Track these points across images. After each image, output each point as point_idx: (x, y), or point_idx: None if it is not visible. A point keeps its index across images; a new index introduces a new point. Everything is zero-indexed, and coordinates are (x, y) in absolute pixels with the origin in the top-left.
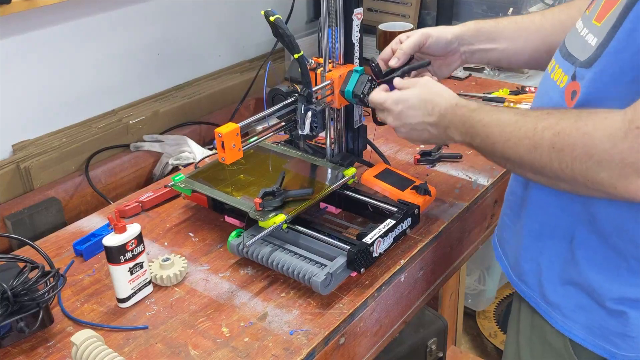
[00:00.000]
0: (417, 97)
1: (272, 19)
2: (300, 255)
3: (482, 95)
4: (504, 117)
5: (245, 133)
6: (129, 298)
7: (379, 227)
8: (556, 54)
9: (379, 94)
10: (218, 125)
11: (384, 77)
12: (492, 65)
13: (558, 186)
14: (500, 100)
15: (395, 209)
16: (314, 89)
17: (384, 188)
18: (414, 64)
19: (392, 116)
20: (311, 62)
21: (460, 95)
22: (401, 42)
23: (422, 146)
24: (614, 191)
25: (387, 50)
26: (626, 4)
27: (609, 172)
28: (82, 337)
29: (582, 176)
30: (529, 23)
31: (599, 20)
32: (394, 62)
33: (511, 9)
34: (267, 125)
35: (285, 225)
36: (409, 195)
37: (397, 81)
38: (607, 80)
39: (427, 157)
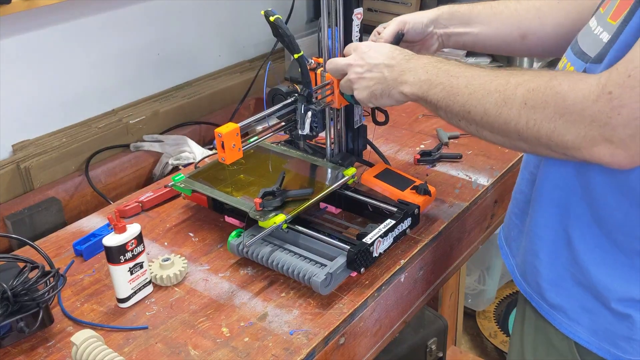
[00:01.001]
0: (390, 46)
1: (272, 19)
2: (300, 255)
3: None
4: (474, 70)
5: (245, 133)
6: (129, 298)
7: (379, 227)
8: (568, 51)
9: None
10: (218, 125)
11: None
12: (467, 49)
13: (515, 145)
14: None
15: (395, 209)
16: (314, 89)
17: (384, 188)
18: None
19: (358, 54)
20: (311, 62)
21: None
22: (379, 34)
23: (422, 146)
24: (578, 154)
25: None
26: (635, 2)
27: (576, 133)
28: (82, 337)
29: (547, 136)
30: (503, 8)
31: (615, 19)
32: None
33: None
34: (267, 125)
35: (285, 225)
36: (409, 195)
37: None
38: None
39: (427, 157)
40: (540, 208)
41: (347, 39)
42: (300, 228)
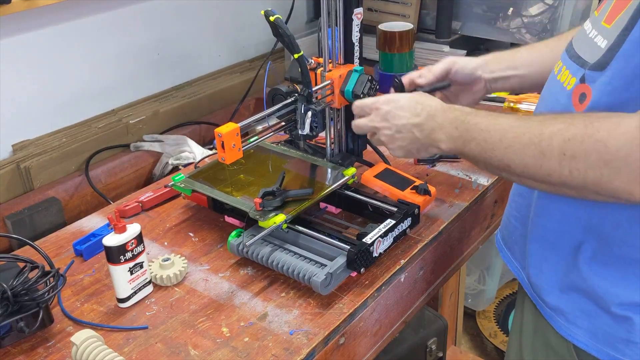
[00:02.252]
0: (408, 98)
1: (272, 18)
2: (300, 255)
3: None
4: (504, 121)
5: (245, 133)
6: (129, 298)
7: (379, 227)
8: (563, 55)
9: (361, 101)
10: (218, 125)
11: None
12: (515, 91)
13: (563, 192)
14: (501, 100)
15: (395, 209)
16: (314, 89)
17: (384, 188)
18: (436, 85)
19: (380, 116)
20: (311, 62)
21: None
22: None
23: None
24: (630, 197)
25: (415, 73)
26: (638, 7)
27: (625, 179)
28: (82, 337)
29: (595, 183)
30: (543, 47)
31: (609, 22)
32: (421, 80)
33: (511, 9)
34: (267, 125)
35: (285, 225)
36: (409, 195)
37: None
38: (620, 84)
39: (427, 157)
40: (541, 215)
41: (347, 39)
42: (300, 228)
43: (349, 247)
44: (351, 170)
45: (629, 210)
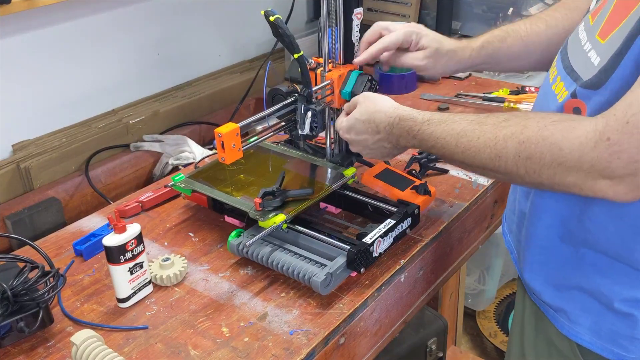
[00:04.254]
0: (359, 120)
1: (272, 19)
2: (300, 255)
3: (482, 95)
4: (457, 127)
5: (245, 133)
6: (128, 298)
7: (379, 227)
8: (558, 62)
9: (338, 125)
10: (218, 125)
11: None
12: (499, 63)
13: (524, 185)
14: (501, 100)
15: (395, 209)
16: (314, 89)
17: (384, 188)
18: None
19: (352, 144)
20: (311, 62)
21: (459, 95)
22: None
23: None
24: (580, 192)
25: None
26: (632, 29)
27: (576, 176)
28: (82, 337)
29: (549, 179)
30: (534, 37)
31: (603, 37)
32: (358, 59)
33: (511, 9)
34: (267, 125)
35: (285, 225)
36: (409, 195)
37: (345, 106)
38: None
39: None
40: (538, 216)
41: (347, 39)
42: (300, 228)
43: (349, 247)
44: (351, 170)
45: (626, 207)
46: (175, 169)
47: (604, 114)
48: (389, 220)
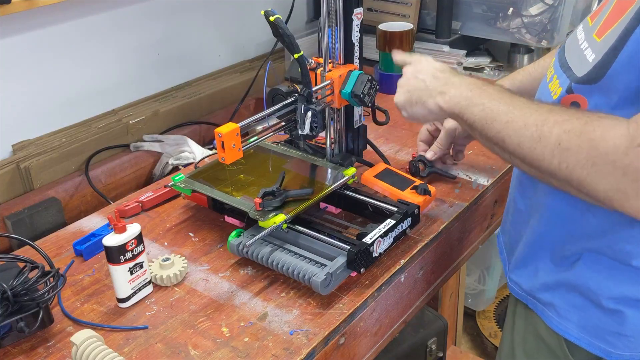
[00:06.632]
0: (443, 64)
1: (272, 19)
2: (300, 255)
3: None
4: (517, 99)
5: (245, 133)
6: (129, 298)
7: (379, 227)
8: (555, 62)
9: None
10: (218, 125)
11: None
12: None
13: (547, 181)
14: None
15: (395, 209)
16: (314, 89)
17: (384, 188)
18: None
19: (414, 58)
20: (311, 62)
21: None
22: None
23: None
24: (609, 204)
25: (428, 152)
26: (627, 27)
27: (609, 185)
28: (82, 337)
29: (579, 181)
30: (542, 70)
31: (599, 36)
32: (430, 155)
33: (511, 9)
34: (267, 125)
35: (285, 225)
36: (409, 195)
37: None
38: (616, 99)
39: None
40: (533, 215)
41: (347, 39)
42: (300, 228)
43: (349, 247)
44: (351, 170)
45: (620, 225)
46: (175, 169)
47: (635, 118)
48: (389, 220)
